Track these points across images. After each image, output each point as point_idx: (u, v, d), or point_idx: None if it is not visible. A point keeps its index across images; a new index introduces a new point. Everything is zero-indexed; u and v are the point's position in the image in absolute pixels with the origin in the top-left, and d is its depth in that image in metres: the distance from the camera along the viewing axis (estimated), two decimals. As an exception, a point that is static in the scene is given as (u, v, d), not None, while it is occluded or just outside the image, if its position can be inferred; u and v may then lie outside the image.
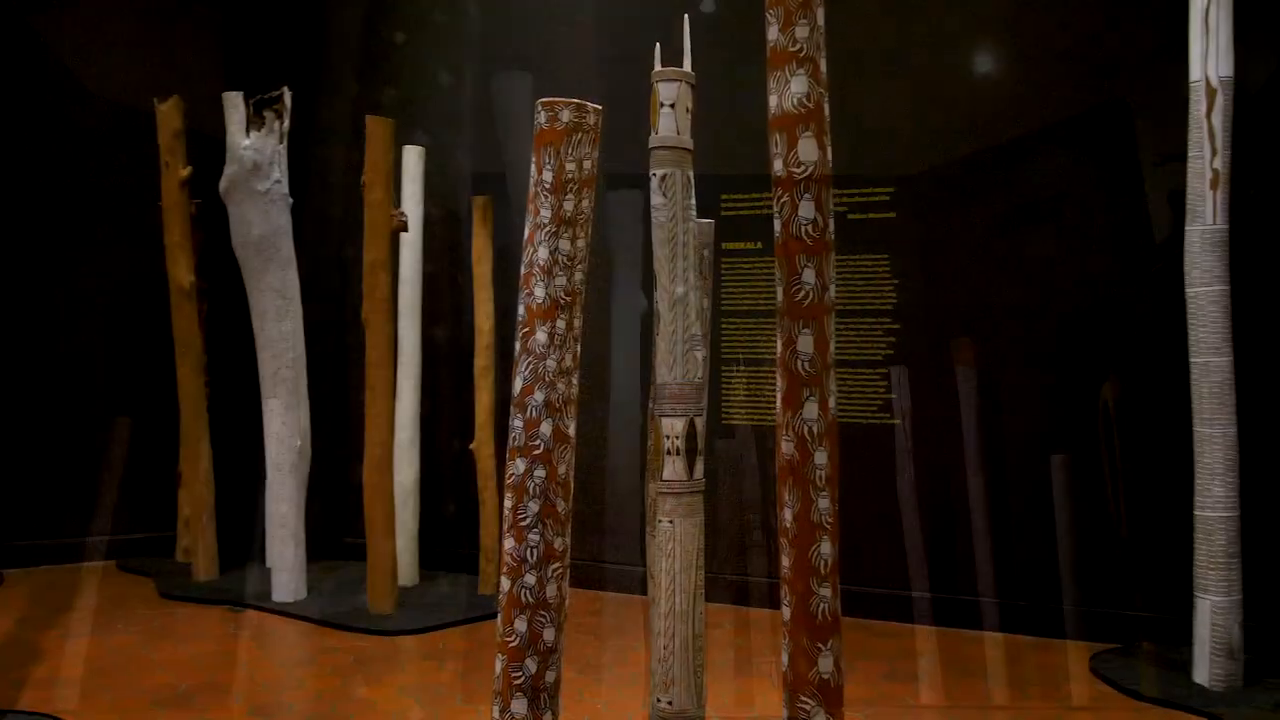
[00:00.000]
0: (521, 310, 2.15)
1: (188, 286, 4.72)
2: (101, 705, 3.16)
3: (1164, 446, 3.75)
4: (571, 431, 2.21)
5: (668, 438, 1.87)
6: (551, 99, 2.10)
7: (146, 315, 5.39)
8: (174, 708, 3.14)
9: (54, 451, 5.28)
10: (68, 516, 5.28)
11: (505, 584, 2.18)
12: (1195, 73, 3.23)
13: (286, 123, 4.35)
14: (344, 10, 5.44)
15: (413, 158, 4.77)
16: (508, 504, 2.19)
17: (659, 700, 1.89)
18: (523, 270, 2.14)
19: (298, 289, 4.73)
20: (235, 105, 4.31)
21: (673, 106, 1.89)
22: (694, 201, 1.94)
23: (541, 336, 2.13)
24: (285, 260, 4.43)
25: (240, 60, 5.59)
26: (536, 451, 2.15)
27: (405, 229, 4.35)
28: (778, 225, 1.91)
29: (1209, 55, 3.19)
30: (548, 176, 2.12)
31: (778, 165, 1.91)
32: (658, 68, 1.92)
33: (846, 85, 4.21)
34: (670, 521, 1.88)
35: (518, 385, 2.15)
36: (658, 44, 2.02)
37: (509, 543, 2.19)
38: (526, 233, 2.15)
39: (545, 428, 2.15)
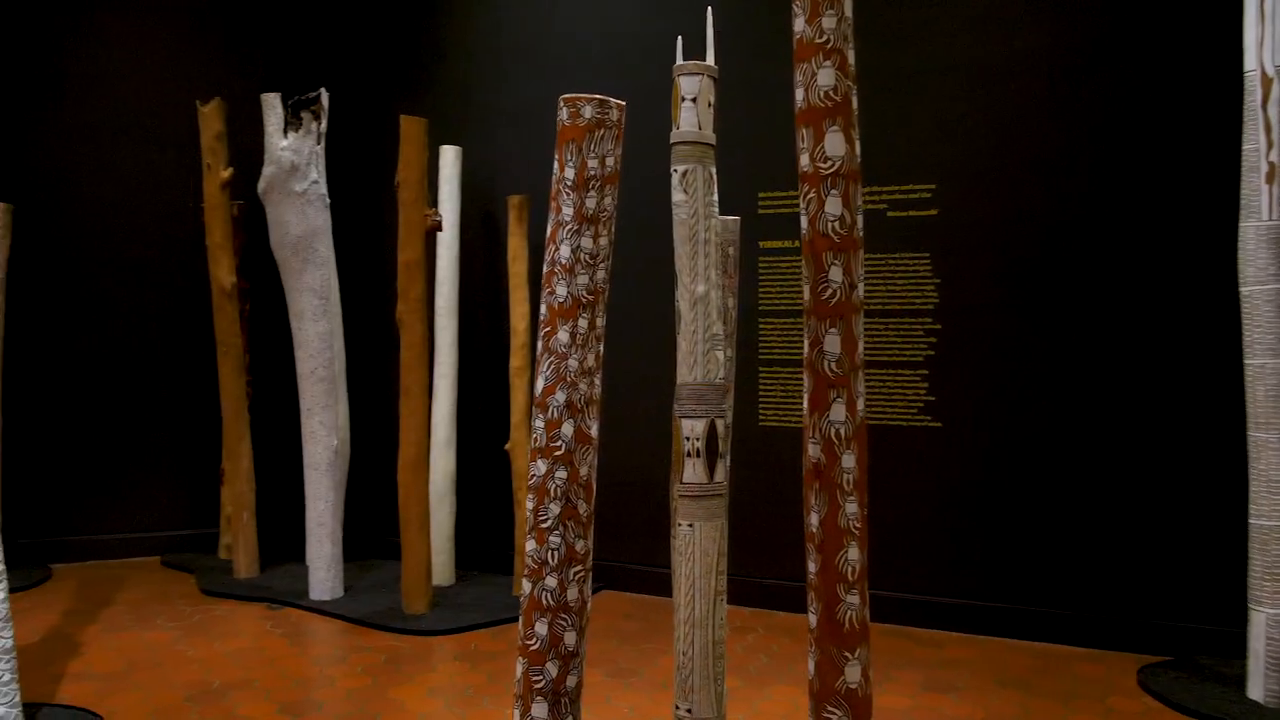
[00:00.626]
0: (544, 309, 2.12)
1: (229, 287, 4.78)
2: (135, 700, 3.20)
3: (1217, 452, 3.61)
4: (594, 432, 2.17)
5: (687, 439, 1.83)
6: (574, 95, 2.07)
7: (190, 315, 5.48)
8: (206, 703, 3.17)
9: (100, 449, 5.38)
10: (113, 512, 5.38)
11: (526, 586, 2.15)
12: (1250, 61, 3.10)
13: (324, 123, 4.38)
14: (383, 11, 5.47)
15: (449, 157, 4.78)
16: (529, 505, 2.16)
17: (679, 708, 1.84)
18: (545, 268, 2.11)
19: (336, 289, 4.76)
20: (273, 106, 4.34)
21: (694, 101, 1.84)
22: (716, 198, 1.89)
23: (563, 336, 2.10)
24: (323, 260, 4.45)
25: (282, 62, 5.66)
26: (558, 453, 2.12)
27: (440, 229, 4.36)
28: (804, 222, 1.86)
29: (1265, 43, 3.06)
30: (570, 174, 2.09)
31: (804, 160, 1.87)
32: (679, 61, 1.88)
33: (886, 77, 4.13)
34: (689, 525, 1.83)
35: (539, 385, 2.12)
36: (679, 37, 1.98)
37: (530, 545, 2.17)
38: (549, 230, 2.12)
39: (567, 428, 2.11)
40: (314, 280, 4.42)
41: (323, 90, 4.40)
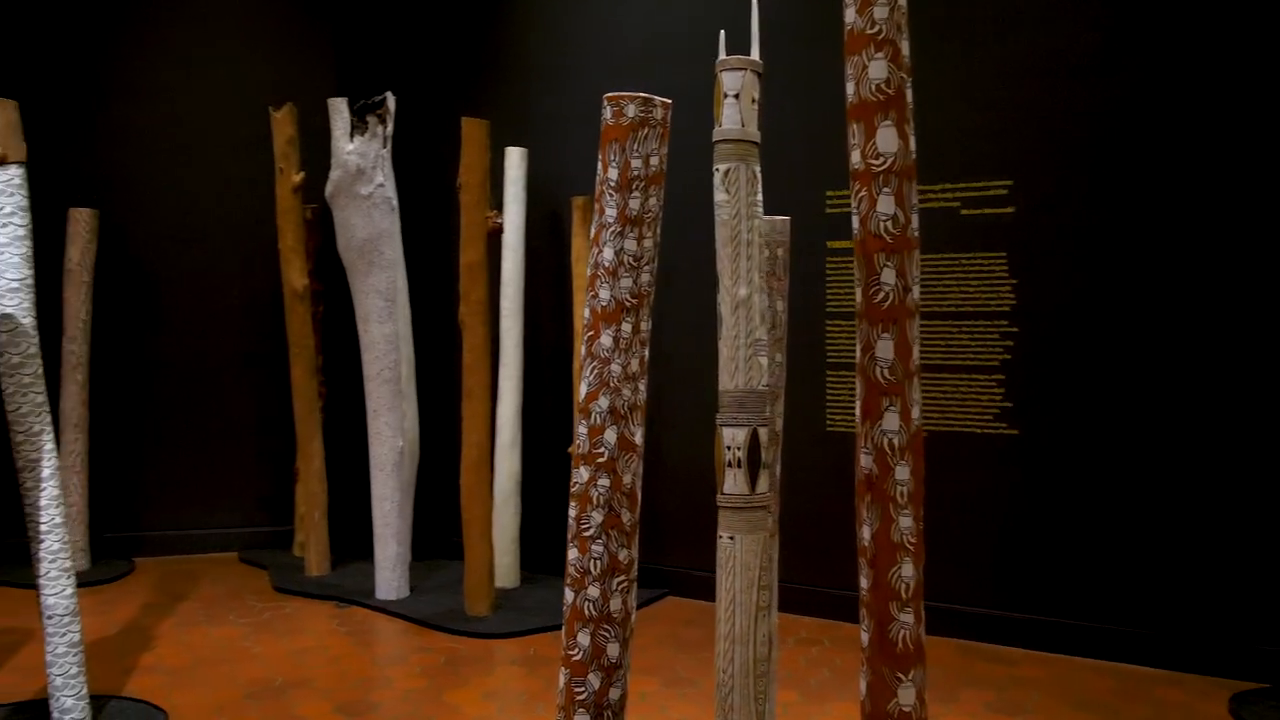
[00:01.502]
0: (586, 313, 2.08)
1: (301, 289, 4.86)
2: (199, 695, 3.26)
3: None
4: (639, 439, 2.12)
5: (728, 448, 1.75)
6: (617, 93, 2.02)
7: (266, 317, 5.60)
8: (266, 701, 3.21)
9: (181, 447, 5.54)
10: (194, 509, 5.54)
11: (568, 596, 2.11)
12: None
13: (390, 127, 4.41)
14: (452, 14, 5.50)
15: (515, 159, 4.77)
16: (571, 513, 2.12)
17: (719, 728, 1.77)
18: (588, 271, 2.07)
19: (404, 291, 4.80)
20: (339, 111, 4.40)
21: (737, 97, 1.77)
22: (760, 198, 1.82)
23: (606, 340, 2.06)
24: (389, 263, 4.49)
25: (352, 67, 5.74)
26: (600, 460, 2.07)
27: (501, 231, 4.35)
28: (855, 221, 1.78)
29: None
30: (613, 174, 2.04)
31: (855, 157, 1.79)
32: (722, 56, 1.81)
33: (960, 70, 3.98)
34: (730, 538, 1.76)
35: (582, 390, 2.08)
36: (722, 31, 1.91)
37: (572, 553, 2.12)
38: (592, 232, 2.08)
39: (610, 435, 2.06)
40: (380, 282, 4.46)
41: (389, 94, 4.43)
